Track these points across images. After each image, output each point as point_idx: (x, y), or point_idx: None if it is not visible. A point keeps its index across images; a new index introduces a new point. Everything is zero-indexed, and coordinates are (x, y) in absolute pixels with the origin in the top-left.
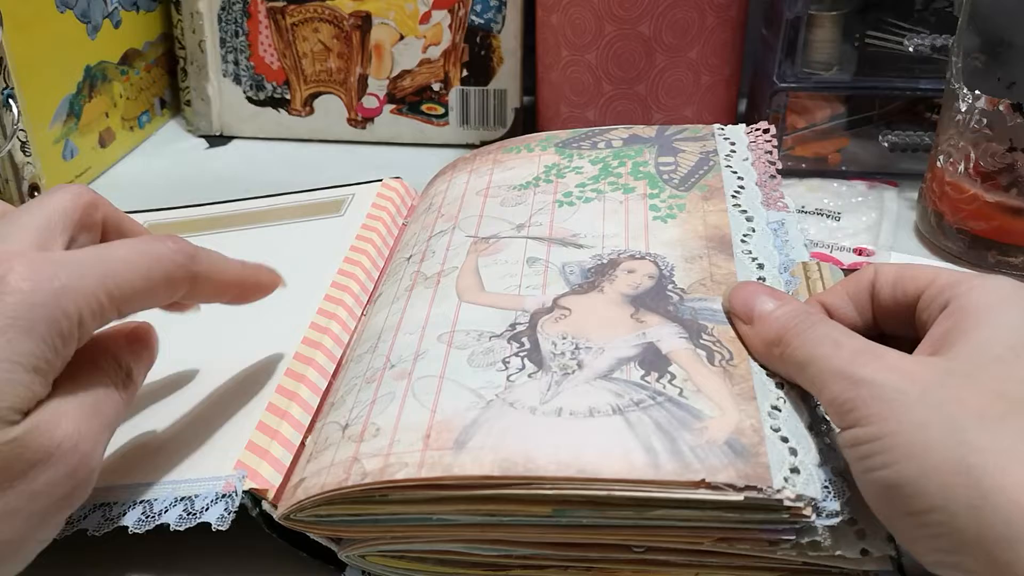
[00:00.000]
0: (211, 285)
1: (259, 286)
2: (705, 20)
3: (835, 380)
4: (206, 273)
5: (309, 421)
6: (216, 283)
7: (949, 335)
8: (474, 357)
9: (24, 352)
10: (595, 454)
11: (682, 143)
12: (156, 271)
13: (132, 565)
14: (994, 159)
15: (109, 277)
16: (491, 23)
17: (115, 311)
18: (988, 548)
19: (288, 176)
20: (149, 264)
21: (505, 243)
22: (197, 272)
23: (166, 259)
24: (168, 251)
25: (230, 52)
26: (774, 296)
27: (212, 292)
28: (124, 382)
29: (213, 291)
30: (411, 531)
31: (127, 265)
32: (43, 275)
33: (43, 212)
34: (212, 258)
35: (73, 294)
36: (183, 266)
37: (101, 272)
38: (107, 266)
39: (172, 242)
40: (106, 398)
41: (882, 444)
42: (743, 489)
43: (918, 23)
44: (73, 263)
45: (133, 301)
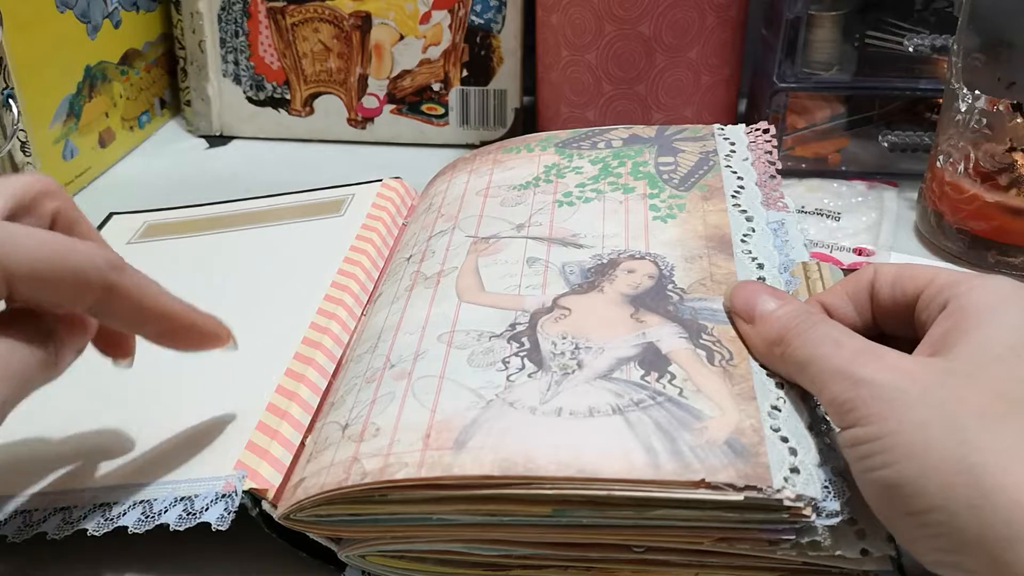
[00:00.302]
0: (129, 305)
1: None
2: (705, 20)
3: (835, 380)
4: (125, 289)
5: (309, 421)
6: (136, 305)
7: (949, 335)
8: (474, 357)
9: None
10: (595, 454)
11: (682, 143)
12: (66, 262)
13: (132, 565)
14: (994, 159)
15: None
16: (491, 23)
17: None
18: (989, 548)
19: (288, 176)
20: (62, 253)
21: (505, 243)
22: (114, 283)
23: (83, 256)
24: (90, 250)
25: (230, 52)
26: (775, 296)
27: (130, 314)
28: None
29: (131, 313)
30: (411, 531)
31: (37, 245)
32: None
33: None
34: (141, 280)
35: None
36: (99, 269)
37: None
38: (13, 240)
39: (103, 248)
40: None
41: (882, 444)
42: (743, 489)
43: (918, 23)
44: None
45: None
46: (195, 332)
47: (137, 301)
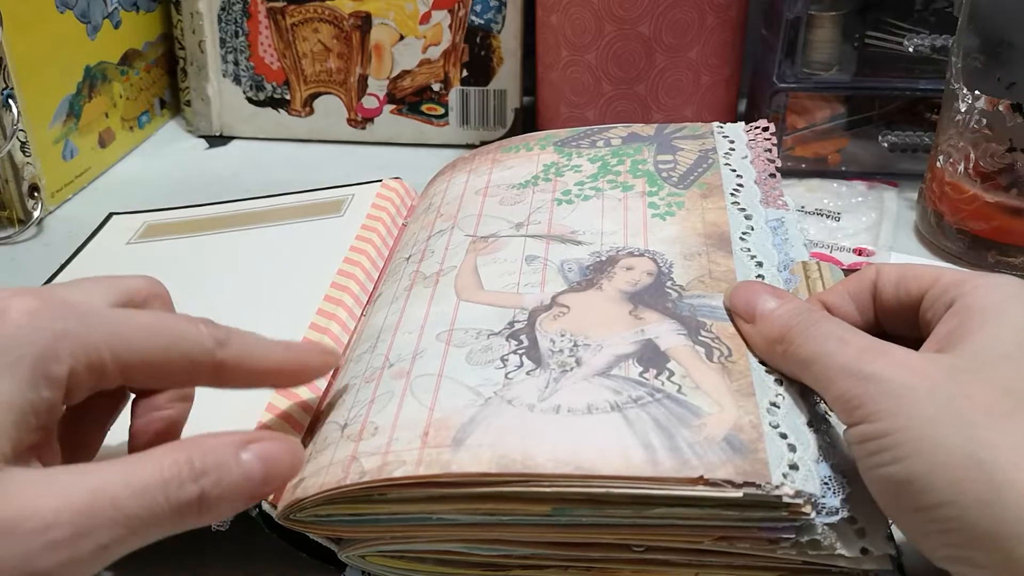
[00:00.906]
0: (243, 374)
1: (305, 371)
2: (705, 20)
3: (842, 377)
4: (236, 360)
5: (309, 421)
6: (249, 371)
7: (955, 333)
8: (473, 355)
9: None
10: (593, 451)
11: (681, 141)
12: (176, 348)
13: (131, 565)
14: (994, 159)
15: (120, 337)
16: (491, 23)
17: (119, 375)
18: (1000, 543)
19: (288, 176)
20: (171, 339)
21: (504, 242)
22: (224, 360)
23: (191, 339)
24: (194, 332)
25: (230, 52)
26: (776, 294)
27: (245, 381)
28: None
29: (246, 380)
30: (411, 531)
31: (145, 332)
32: (48, 315)
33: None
34: (247, 343)
35: (73, 341)
36: (209, 351)
37: (113, 330)
38: (123, 327)
39: (204, 325)
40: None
41: (891, 440)
42: (742, 485)
43: (918, 23)
44: (88, 314)
45: (142, 371)
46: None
47: (248, 369)
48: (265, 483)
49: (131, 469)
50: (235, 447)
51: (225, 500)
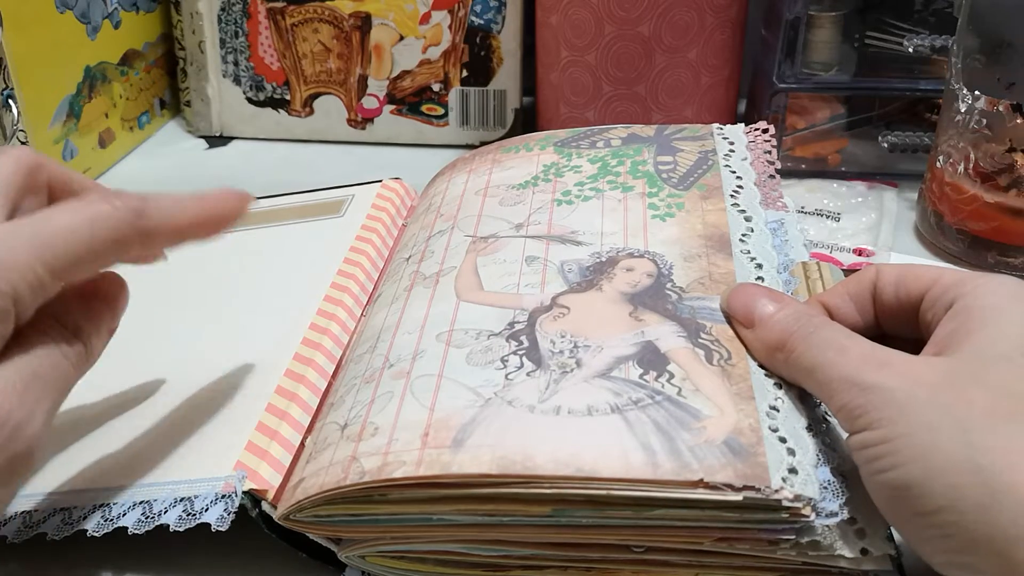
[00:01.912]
0: (167, 235)
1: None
2: (705, 21)
3: (844, 387)
4: (157, 225)
5: (309, 422)
6: (172, 230)
7: (955, 335)
8: (473, 356)
9: None
10: (593, 453)
11: (681, 142)
12: (100, 234)
13: (131, 566)
14: (994, 160)
15: (47, 247)
16: (491, 23)
17: (57, 282)
18: (999, 548)
19: (288, 177)
20: (91, 228)
21: (504, 242)
22: (146, 227)
23: (111, 219)
24: (110, 210)
25: (230, 53)
26: (774, 298)
27: (169, 240)
28: (70, 341)
29: (170, 239)
30: (411, 531)
31: (66, 232)
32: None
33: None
34: (162, 206)
35: (4, 271)
36: (130, 223)
37: (37, 243)
38: (44, 236)
39: (118, 199)
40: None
41: (891, 446)
42: (741, 489)
43: (918, 24)
44: (5, 236)
45: (76, 268)
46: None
47: (172, 227)
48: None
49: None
50: None
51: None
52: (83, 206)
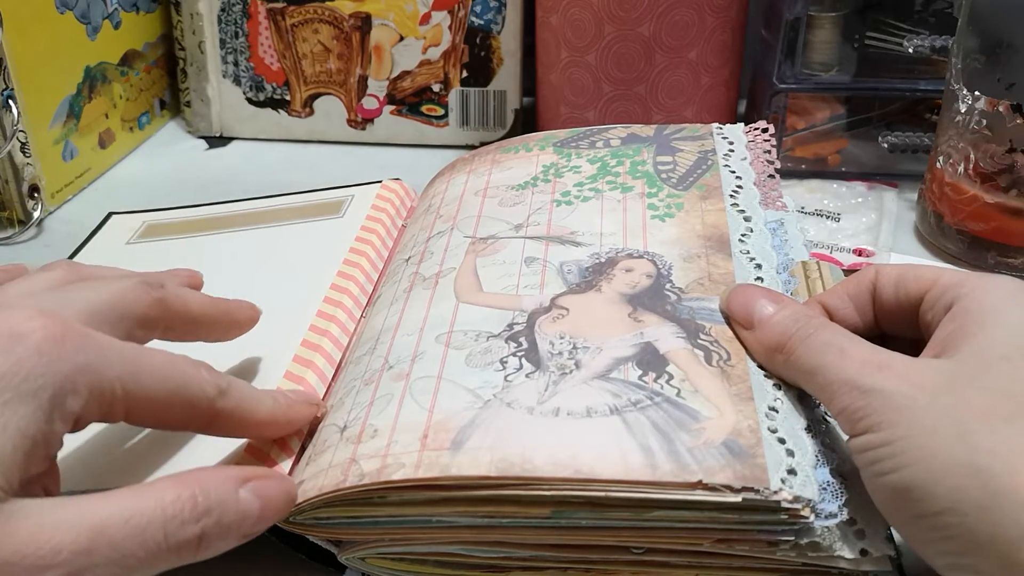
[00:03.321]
0: (234, 424)
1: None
2: (705, 21)
3: (845, 390)
4: (231, 411)
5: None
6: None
7: (955, 336)
8: (472, 357)
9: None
10: (592, 455)
11: (680, 142)
12: (181, 393)
13: None
14: (994, 160)
15: (134, 376)
16: (491, 24)
17: (123, 412)
18: (1000, 549)
19: (288, 177)
20: (178, 383)
21: (503, 243)
22: (221, 410)
23: (196, 385)
24: (199, 378)
25: (230, 53)
26: (773, 299)
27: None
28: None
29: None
30: (410, 533)
31: (156, 374)
32: (70, 345)
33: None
34: (243, 396)
35: (92, 375)
36: (209, 399)
37: (129, 369)
38: (136, 365)
39: (206, 371)
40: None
41: (891, 449)
42: (740, 490)
43: (917, 24)
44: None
45: (146, 411)
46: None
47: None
48: (260, 520)
49: (133, 505)
50: (234, 483)
51: (222, 539)
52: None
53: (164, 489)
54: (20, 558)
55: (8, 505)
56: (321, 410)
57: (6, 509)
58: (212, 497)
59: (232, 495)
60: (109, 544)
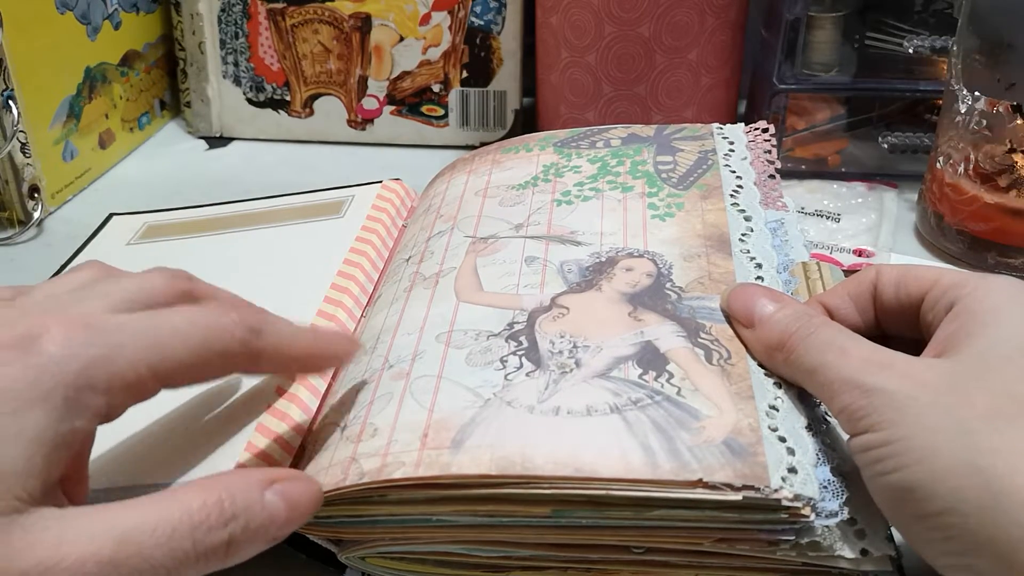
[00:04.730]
0: (274, 362)
1: (334, 356)
2: (705, 21)
3: (846, 389)
4: (270, 349)
5: (308, 423)
6: (281, 359)
7: (956, 336)
8: (472, 356)
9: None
10: (592, 453)
11: (681, 142)
12: (211, 345)
13: None
14: (994, 160)
15: (154, 348)
16: (491, 24)
17: (158, 385)
18: (1000, 550)
19: (288, 177)
20: (204, 336)
21: (503, 243)
22: (259, 348)
23: (225, 332)
24: (229, 323)
25: (230, 53)
26: (773, 298)
27: (277, 367)
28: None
29: (276, 367)
30: (410, 532)
31: (178, 336)
32: (77, 340)
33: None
34: (279, 330)
35: (107, 364)
36: (243, 341)
37: (146, 343)
38: (154, 336)
39: (236, 313)
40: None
41: (893, 448)
42: (740, 489)
43: (917, 24)
44: (116, 330)
45: (180, 375)
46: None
47: (281, 356)
48: (288, 523)
49: (159, 513)
50: (260, 487)
51: (250, 543)
52: (201, 314)
53: (190, 496)
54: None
55: (28, 516)
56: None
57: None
58: (239, 502)
59: (258, 499)
60: (136, 554)
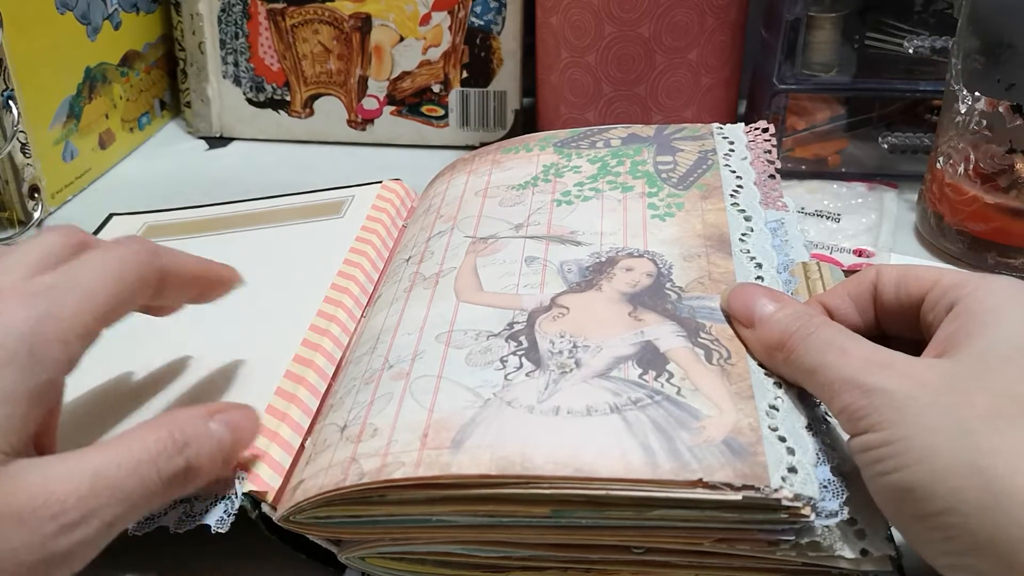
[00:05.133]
0: (177, 279)
1: (220, 281)
2: (705, 22)
3: (846, 389)
4: (171, 267)
5: (308, 423)
6: (181, 277)
7: (956, 337)
8: (472, 356)
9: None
10: (592, 453)
11: (681, 142)
12: (128, 275)
13: (131, 567)
14: (994, 161)
15: (88, 294)
16: (491, 24)
17: (101, 326)
18: (1000, 550)
19: (288, 178)
20: (119, 269)
21: (503, 243)
22: (164, 265)
23: (134, 260)
24: (133, 252)
25: (230, 54)
26: (773, 298)
27: (179, 287)
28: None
29: (180, 286)
30: (410, 532)
31: (101, 277)
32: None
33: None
34: (171, 251)
35: (56, 319)
36: (150, 263)
37: (80, 292)
38: (83, 283)
39: (135, 242)
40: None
41: (893, 448)
42: (740, 489)
43: (918, 25)
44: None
45: (116, 310)
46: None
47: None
48: (234, 448)
49: (121, 451)
50: (204, 418)
51: (205, 467)
52: (108, 253)
53: (144, 433)
54: (33, 509)
55: (12, 467)
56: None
57: (11, 470)
58: (188, 432)
59: (204, 428)
60: (109, 487)
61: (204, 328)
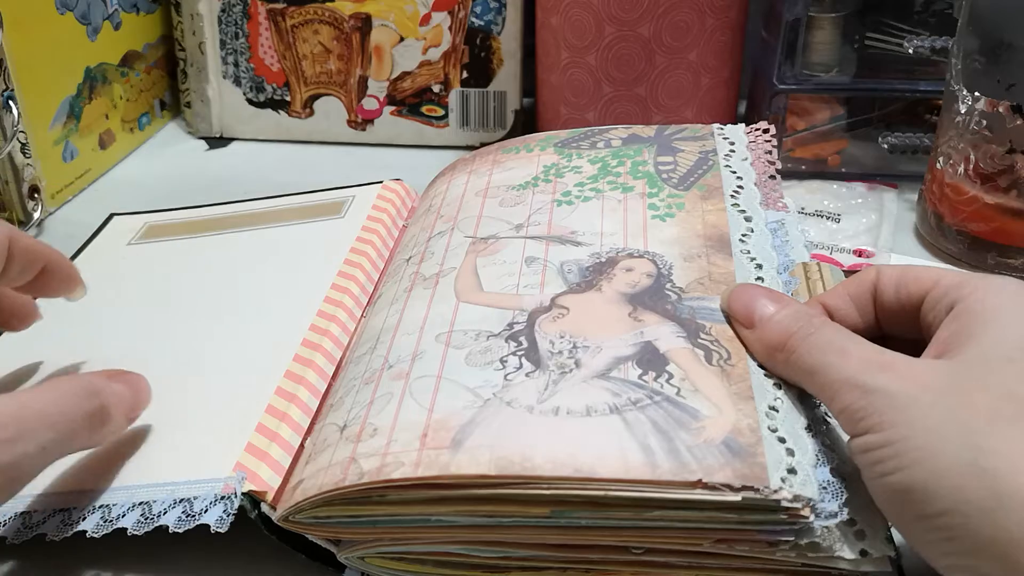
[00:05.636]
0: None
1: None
2: (705, 22)
3: (846, 390)
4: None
5: (308, 423)
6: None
7: (957, 337)
8: (472, 356)
9: None
10: (592, 454)
11: (681, 143)
12: None
13: (131, 567)
14: (994, 161)
15: None
16: (491, 25)
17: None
18: (1003, 550)
19: (288, 178)
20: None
21: (504, 243)
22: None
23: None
24: None
25: (230, 54)
26: (774, 299)
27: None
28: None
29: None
30: (410, 532)
31: None
32: None
33: None
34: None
35: None
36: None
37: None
38: None
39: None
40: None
41: (894, 449)
42: (740, 489)
43: (918, 25)
44: None
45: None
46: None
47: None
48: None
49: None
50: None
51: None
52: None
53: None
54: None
55: None
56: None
57: None
58: (96, 384)
59: (107, 384)
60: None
61: (204, 327)
